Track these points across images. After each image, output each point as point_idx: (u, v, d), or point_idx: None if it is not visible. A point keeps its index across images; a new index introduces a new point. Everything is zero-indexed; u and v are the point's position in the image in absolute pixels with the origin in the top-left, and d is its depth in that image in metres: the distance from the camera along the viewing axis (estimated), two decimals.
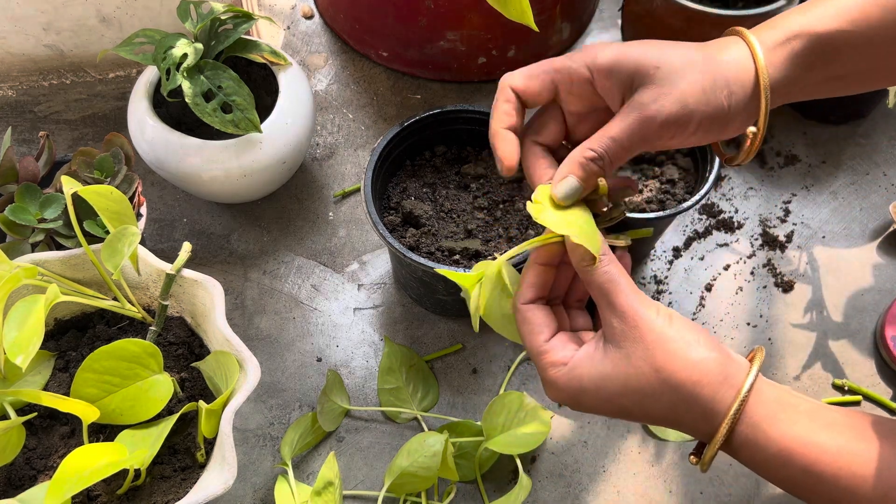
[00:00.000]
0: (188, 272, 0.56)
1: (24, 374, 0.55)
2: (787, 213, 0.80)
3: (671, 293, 0.75)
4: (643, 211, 0.67)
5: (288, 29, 0.91)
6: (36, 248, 0.59)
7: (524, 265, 0.46)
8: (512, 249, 0.45)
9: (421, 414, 0.67)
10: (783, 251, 0.77)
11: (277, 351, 0.70)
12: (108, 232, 0.53)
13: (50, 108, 0.82)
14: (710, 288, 0.75)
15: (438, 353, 0.71)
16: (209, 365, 0.56)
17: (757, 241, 0.78)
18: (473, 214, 0.67)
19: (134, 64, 0.81)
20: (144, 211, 0.67)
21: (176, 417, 0.53)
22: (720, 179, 0.82)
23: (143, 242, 0.62)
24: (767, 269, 0.76)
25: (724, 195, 0.81)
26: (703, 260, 0.77)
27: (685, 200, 0.65)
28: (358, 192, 0.79)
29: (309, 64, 0.88)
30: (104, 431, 0.55)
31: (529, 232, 0.66)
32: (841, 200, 0.81)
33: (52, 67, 0.80)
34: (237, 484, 0.64)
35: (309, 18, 0.92)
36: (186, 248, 0.54)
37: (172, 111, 0.71)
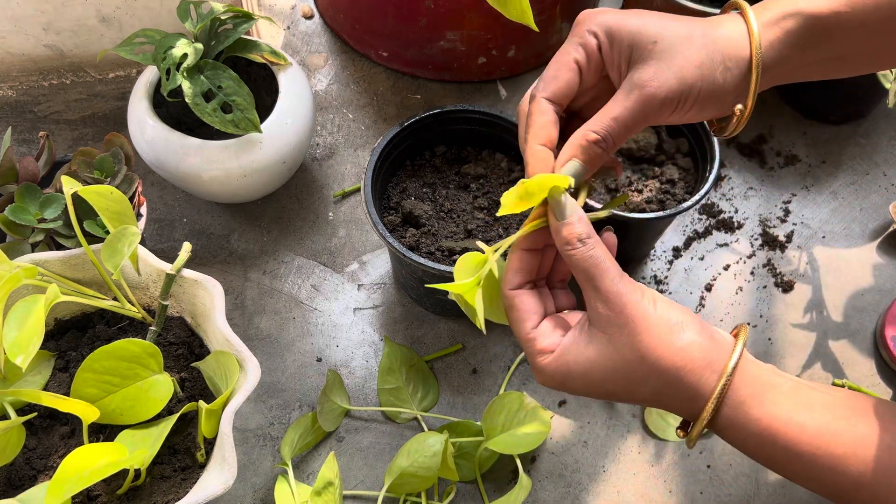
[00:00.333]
0: (188, 272, 0.56)
1: (24, 374, 0.55)
2: (787, 213, 0.80)
3: (671, 293, 0.75)
4: (643, 211, 0.67)
5: (288, 29, 0.91)
6: (36, 248, 0.59)
7: (508, 251, 0.46)
8: (501, 242, 0.46)
9: (421, 414, 0.67)
10: (783, 251, 0.77)
11: (277, 351, 0.70)
12: (108, 232, 0.53)
13: (50, 108, 0.82)
14: (710, 288, 0.75)
15: (438, 353, 0.71)
16: (209, 365, 0.56)
17: (757, 241, 0.78)
18: (473, 214, 0.67)
19: (134, 64, 0.81)
20: (144, 211, 0.67)
21: (176, 417, 0.53)
22: (720, 179, 0.82)
23: (143, 242, 0.62)
24: (767, 269, 0.76)
25: (724, 195, 0.81)
26: (703, 260, 0.77)
27: (685, 200, 0.65)
28: (358, 192, 0.79)
29: (309, 64, 0.88)
30: (104, 431, 0.55)
31: None
32: (841, 200, 0.81)
33: (52, 67, 0.80)
34: (237, 484, 0.64)
35: (309, 18, 0.92)
36: (186, 248, 0.54)
37: (172, 111, 0.71)
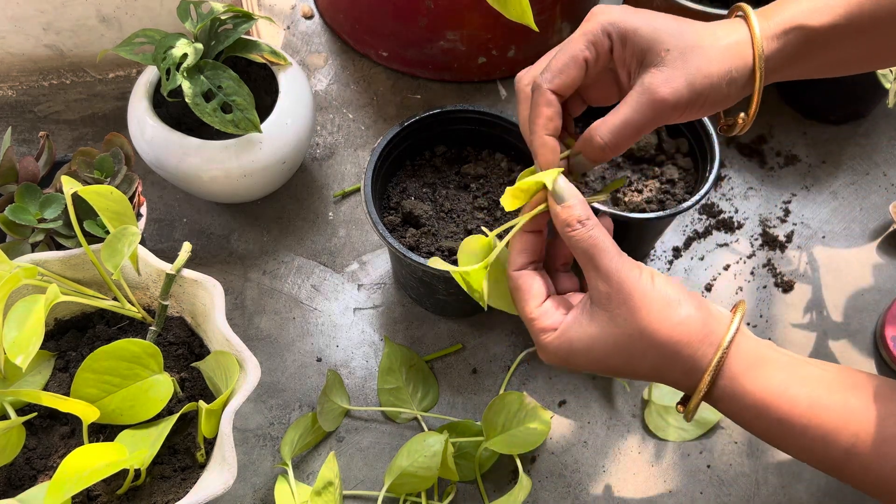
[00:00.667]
0: (188, 272, 0.56)
1: (24, 374, 0.55)
2: (787, 213, 0.80)
3: None
4: (643, 211, 0.67)
5: (288, 29, 0.91)
6: (36, 248, 0.59)
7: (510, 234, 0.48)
8: (503, 226, 0.48)
9: (421, 414, 0.67)
10: (783, 251, 0.77)
11: (277, 351, 0.70)
12: (108, 232, 0.53)
13: (50, 108, 0.82)
14: (710, 288, 0.75)
15: (438, 353, 0.71)
16: (209, 365, 0.56)
17: (757, 241, 0.78)
18: (473, 214, 0.67)
19: (134, 64, 0.81)
20: (144, 211, 0.67)
21: (176, 417, 0.53)
22: (720, 179, 0.82)
23: (143, 242, 0.62)
24: (767, 269, 0.76)
25: (724, 195, 0.81)
26: (703, 260, 0.77)
27: (685, 200, 0.65)
28: (358, 192, 0.79)
29: (309, 64, 0.88)
30: (104, 431, 0.55)
31: None
32: (841, 200, 0.81)
33: (52, 67, 0.80)
34: (237, 484, 0.64)
35: (309, 18, 0.92)
36: (186, 248, 0.54)
37: (172, 111, 0.71)
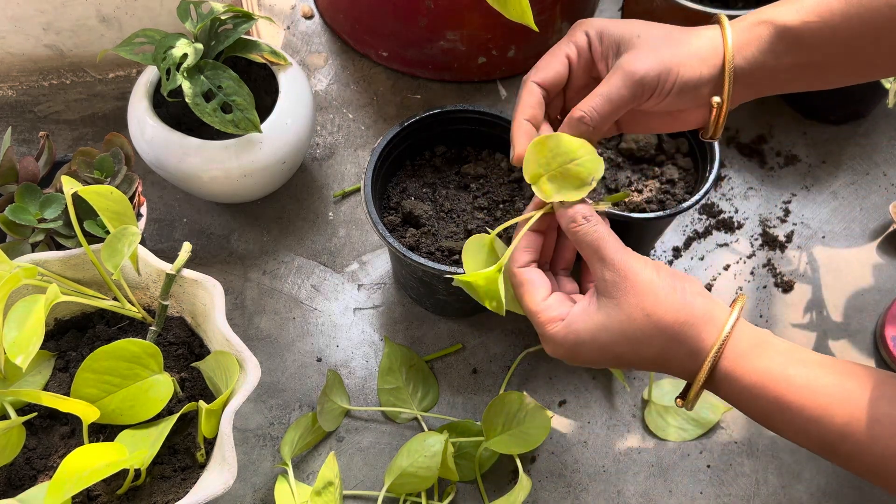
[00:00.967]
0: (188, 272, 0.56)
1: (24, 374, 0.55)
2: (787, 213, 0.80)
3: None
4: (643, 211, 0.67)
5: (288, 29, 0.91)
6: (36, 248, 0.59)
7: (513, 234, 0.49)
8: (503, 224, 0.49)
9: (421, 414, 0.67)
10: (783, 251, 0.77)
11: (277, 351, 0.70)
12: (108, 232, 0.53)
13: (50, 108, 0.82)
14: (709, 288, 0.75)
15: (438, 353, 0.71)
16: (209, 365, 0.56)
17: (757, 241, 0.78)
18: (473, 214, 0.67)
19: (134, 64, 0.81)
20: (144, 211, 0.67)
21: (176, 417, 0.53)
22: (720, 179, 0.82)
23: (143, 242, 0.62)
24: (767, 269, 0.76)
25: (724, 195, 0.81)
26: (702, 260, 0.77)
27: (685, 200, 0.65)
28: (358, 192, 0.79)
29: (309, 64, 0.88)
30: (104, 431, 0.55)
31: None
32: (841, 200, 0.81)
33: (52, 67, 0.80)
34: (237, 484, 0.64)
35: (309, 18, 0.92)
36: (186, 248, 0.54)
37: (172, 111, 0.71)
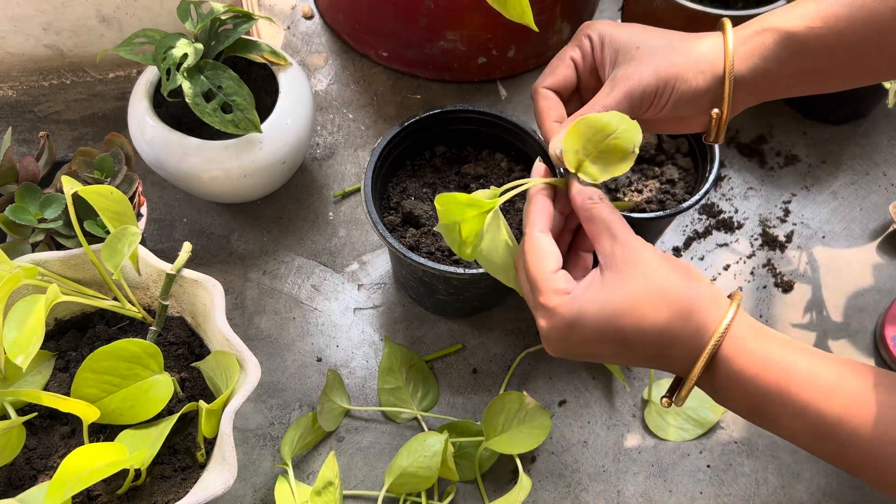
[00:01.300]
0: (188, 272, 0.56)
1: (24, 374, 0.55)
2: (787, 213, 0.80)
3: None
4: (643, 211, 0.67)
5: (288, 29, 0.91)
6: (36, 248, 0.59)
7: (525, 202, 0.49)
8: (512, 182, 0.48)
9: (421, 414, 0.67)
10: (783, 251, 0.77)
11: (277, 351, 0.70)
12: (108, 232, 0.53)
13: (50, 108, 0.82)
14: None
15: (438, 353, 0.71)
16: (209, 365, 0.56)
17: (757, 241, 0.78)
18: None
19: (134, 64, 0.81)
20: (144, 211, 0.67)
21: (176, 417, 0.53)
22: (720, 179, 0.82)
23: (143, 242, 0.62)
24: (767, 269, 0.76)
25: (724, 195, 0.81)
26: (702, 260, 0.77)
27: (685, 200, 0.65)
28: (358, 192, 0.79)
29: (309, 64, 0.88)
30: (104, 431, 0.55)
31: None
32: (841, 200, 0.81)
33: (52, 67, 0.80)
34: (237, 484, 0.64)
35: (309, 18, 0.92)
36: (186, 248, 0.54)
37: (172, 111, 0.71)
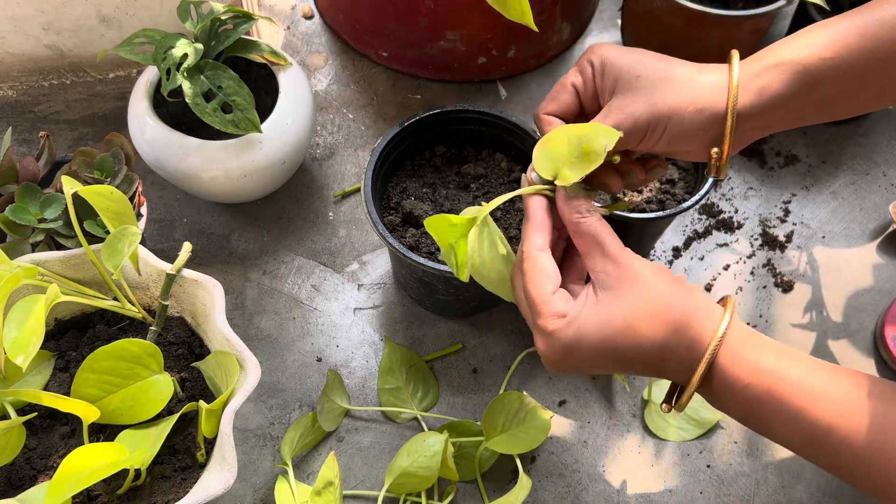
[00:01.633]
0: (188, 272, 0.56)
1: (24, 374, 0.55)
2: (786, 213, 0.80)
3: None
4: (643, 211, 0.67)
5: (288, 29, 0.91)
6: (36, 248, 0.59)
7: (523, 219, 0.49)
8: (501, 196, 0.48)
9: (421, 414, 0.67)
10: (783, 251, 0.77)
11: (277, 351, 0.70)
12: (108, 232, 0.53)
13: (50, 108, 0.82)
14: (709, 288, 0.75)
15: (438, 353, 0.71)
16: (209, 365, 0.56)
17: (757, 241, 0.78)
18: None
19: (134, 64, 0.81)
20: (144, 211, 0.67)
21: (176, 417, 0.53)
22: (720, 180, 0.82)
23: (143, 242, 0.62)
24: (767, 269, 0.76)
25: (723, 195, 0.81)
26: (702, 260, 0.77)
27: (685, 200, 0.65)
28: (358, 192, 0.79)
29: (309, 64, 0.88)
30: (104, 431, 0.55)
31: None
32: (841, 200, 0.81)
33: (52, 67, 0.80)
34: (237, 484, 0.64)
35: (309, 18, 0.92)
36: (186, 248, 0.54)
37: (172, 111, 0.71)
